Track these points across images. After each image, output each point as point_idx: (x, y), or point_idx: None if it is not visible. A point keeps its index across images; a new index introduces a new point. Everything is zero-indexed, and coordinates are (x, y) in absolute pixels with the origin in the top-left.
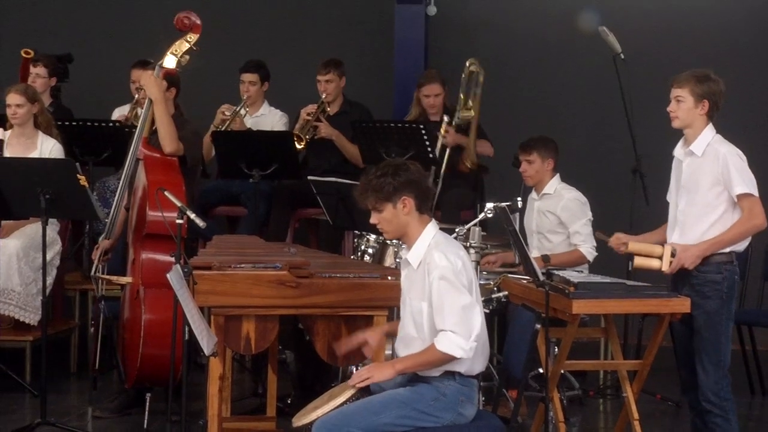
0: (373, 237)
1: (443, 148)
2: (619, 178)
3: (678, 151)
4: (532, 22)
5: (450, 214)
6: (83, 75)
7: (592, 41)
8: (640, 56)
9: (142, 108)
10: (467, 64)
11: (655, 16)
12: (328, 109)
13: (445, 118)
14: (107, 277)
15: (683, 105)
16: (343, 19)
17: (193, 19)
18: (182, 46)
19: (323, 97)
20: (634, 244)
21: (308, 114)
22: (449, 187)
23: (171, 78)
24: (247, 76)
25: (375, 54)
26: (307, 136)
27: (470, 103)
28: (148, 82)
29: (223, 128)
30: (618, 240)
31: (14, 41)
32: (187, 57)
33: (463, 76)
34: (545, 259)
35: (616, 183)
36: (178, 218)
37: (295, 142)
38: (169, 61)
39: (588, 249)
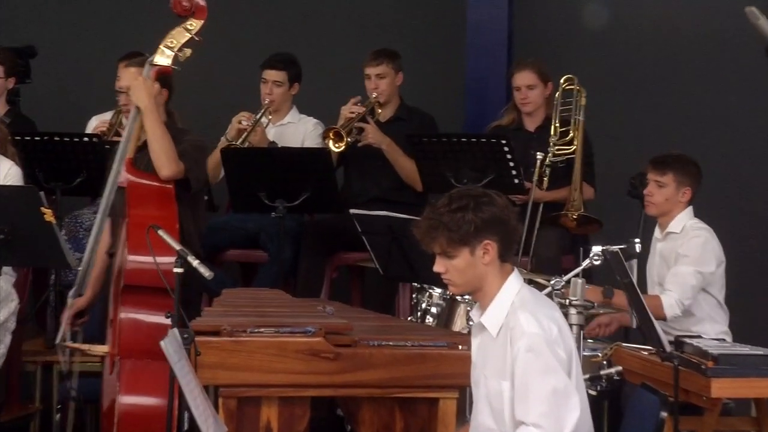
0: (437, 291)
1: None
2: None
3: None
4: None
5: (546, 261)
6: (50, 74)
7: (737, 29)
8: None
9: (127, 118)
10: (561, 82)
11: None
12: (379, 111)
13: (539, 156)
14: (78, 345)
15: None
16: (404, 6)
17: (194, 1)
18: (181, 36)
19: (373, 96)
20: None
21: (351, 112)
22: (543, 225)
23: (163, 77)
24: (271, 74)
25: (441, 46)
26: (349, 138)
27: (571, 135)
28: (136, 86)
29: (240, 142)
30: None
31: None
32: (188, 51)
33: (557, 96)
34: (607, 293)
35: None
36: (176, 266)
37: (332, 142)
38: (163, 58)
39: (672, 300)
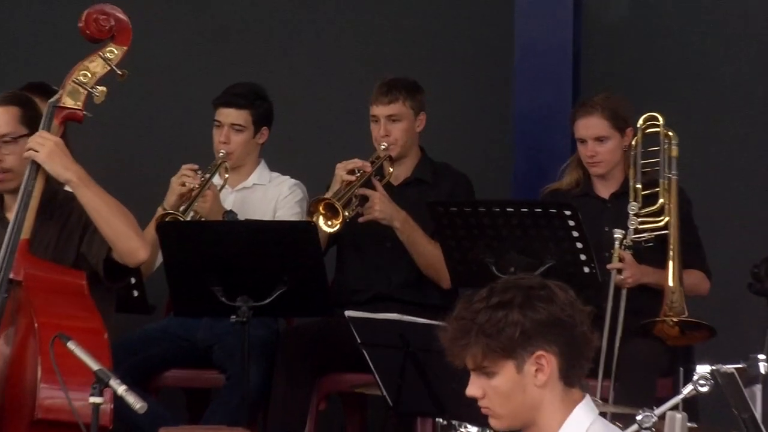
0: (473, 430)
1: (617, 289)
2: None
3: None
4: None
5: (634, 386)
6: None
7: None
8: None
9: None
10: (640, 123)
11: None
12: (390, 170)
13: (617, 234)
14: None
15: None
16: (423, 20)
17: (114, 18)
18: (96, 68)
19: (381, 148)
20: None
21: (350, 172)
22: (628, 335)
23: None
24: (229, 114)
25: (478, 76)
26: (347, 212)
27: (660, 200)
28: (50, 153)
29: (182, 211)
30: None
31: None
32: (103, 90)
33: (634, 144)
34: None
35: None
36: (92, 394)
37: (323, 219)
38: (72, 98)
39: None
